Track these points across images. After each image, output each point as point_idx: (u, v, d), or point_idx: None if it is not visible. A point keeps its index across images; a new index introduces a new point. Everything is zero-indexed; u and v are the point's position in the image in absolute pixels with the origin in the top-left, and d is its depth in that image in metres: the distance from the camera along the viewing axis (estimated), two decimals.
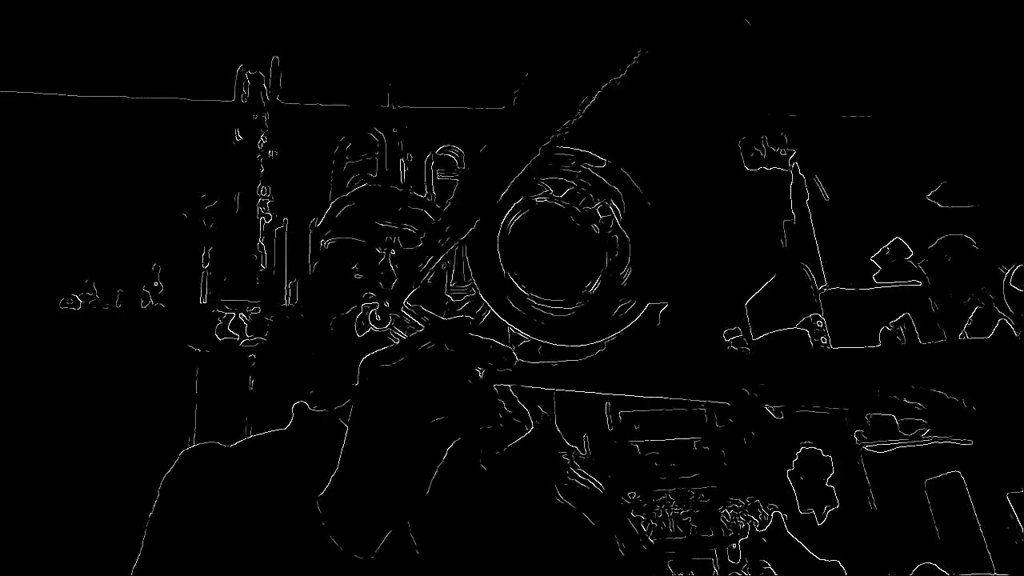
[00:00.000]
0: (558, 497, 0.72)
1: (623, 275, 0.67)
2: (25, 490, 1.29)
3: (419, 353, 0.62)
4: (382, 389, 0.62)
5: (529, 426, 0.64)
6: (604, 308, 0.65)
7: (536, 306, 0.64)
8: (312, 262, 0.82)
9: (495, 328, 0.66)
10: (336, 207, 0.85)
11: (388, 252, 0.81)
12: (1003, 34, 1.77)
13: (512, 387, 0.66)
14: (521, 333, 0.64)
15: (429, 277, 0.70)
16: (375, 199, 0.86)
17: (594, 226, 0.69)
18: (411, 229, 0.83)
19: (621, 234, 0.69)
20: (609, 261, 0.67)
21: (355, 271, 0.81)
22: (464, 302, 0.70)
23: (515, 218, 0.67)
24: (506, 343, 0.64)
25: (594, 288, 0.66)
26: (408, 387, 0.61)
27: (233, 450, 0.80)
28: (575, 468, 0.74)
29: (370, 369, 0.63)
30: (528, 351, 0.66)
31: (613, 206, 0.69)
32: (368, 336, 0.68)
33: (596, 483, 0.75)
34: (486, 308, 0.65)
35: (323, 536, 0.61)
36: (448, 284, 0.72)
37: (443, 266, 0.71)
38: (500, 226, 0.67)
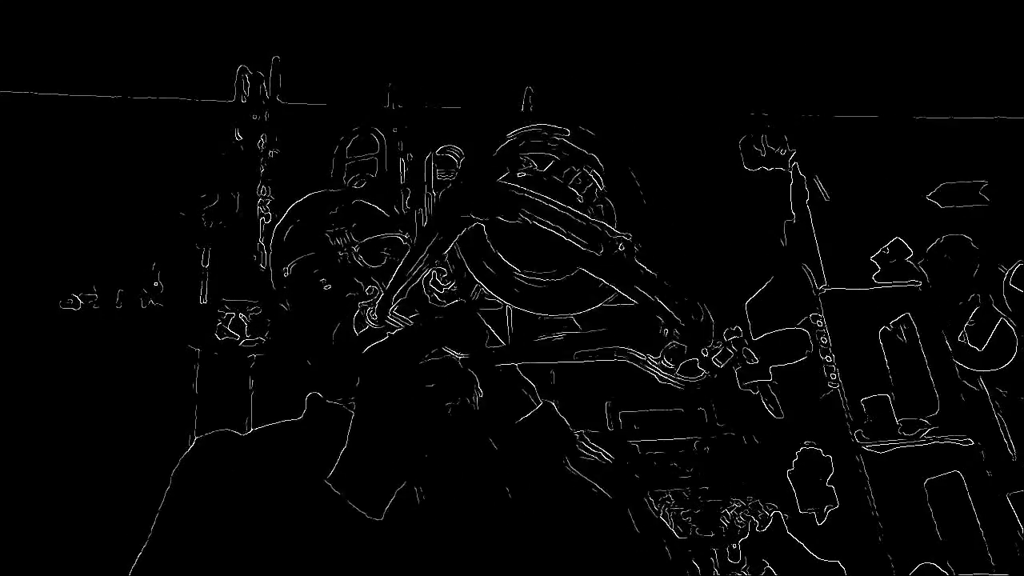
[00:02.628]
0: (569, 468, 0.73)
1: None
2: (24, 489, 1.29)
3: (410, 339, 0.65)
4: (382, 373, 0.65)
5: (537, 401, 0.66)
6: (585, 280, 0.66)
7: (518, 276, 0.65)
8: (281, 294, 0.83)
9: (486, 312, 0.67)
10: (280, 233, 0.86)
11: (348, 252, 0.82)
12: (1003, 34, 1.77)
13: (516, 366, 0.67)
14: (498, 299, 0.66)
15: (418, 281, 0.71)
16: (311, 211, 0.87)
17: (577, 195, 0.69)
18: (357, 225, 0.84)
19: (606, 203, 0.70)
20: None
21: (323, 283, 0.82)
22: (445, 292, 0.71)
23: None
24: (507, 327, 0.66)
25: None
26: (402, 367, 0.64)
27: (248, 438, 0.81)
28: (585, 441, 0.75)
29: (372, 358, 0.65)
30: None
31: (593, 173, 0.70)
32: (367, 332, 0.70)
33: (607, 455, 0.76)
34: (469, 296, 0.67)
35: (334, 514, 0.63)
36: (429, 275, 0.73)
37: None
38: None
